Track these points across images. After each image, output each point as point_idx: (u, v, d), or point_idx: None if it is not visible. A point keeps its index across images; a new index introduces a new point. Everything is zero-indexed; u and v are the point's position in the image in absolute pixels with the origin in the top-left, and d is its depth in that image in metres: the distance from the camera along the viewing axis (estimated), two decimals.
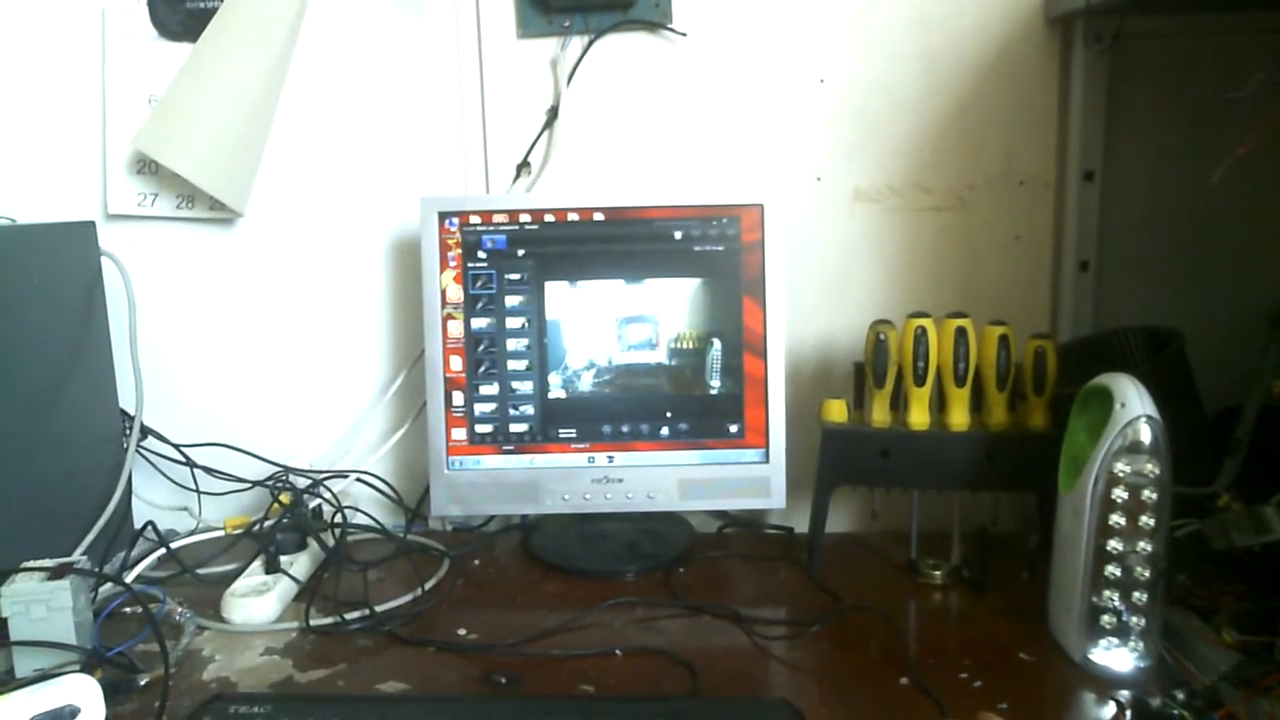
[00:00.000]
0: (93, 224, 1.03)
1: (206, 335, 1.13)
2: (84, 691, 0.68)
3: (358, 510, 1.06)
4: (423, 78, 1.07)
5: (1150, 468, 0.72)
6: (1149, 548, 0.72)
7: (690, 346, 0.97)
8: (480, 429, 0.99)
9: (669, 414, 0.98)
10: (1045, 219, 1.05)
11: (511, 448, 0.99)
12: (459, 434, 0.99)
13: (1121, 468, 0.72)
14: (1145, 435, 0.72)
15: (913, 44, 1.03)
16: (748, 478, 0.97)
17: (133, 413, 1.01)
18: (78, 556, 0.82)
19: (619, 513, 1.00)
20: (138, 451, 1.04)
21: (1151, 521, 0.72)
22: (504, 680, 0.75)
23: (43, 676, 0.72)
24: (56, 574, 0.78)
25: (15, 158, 1.09)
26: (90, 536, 0.94)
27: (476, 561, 1.01)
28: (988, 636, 0.81)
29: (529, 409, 0.99)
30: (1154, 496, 0.72)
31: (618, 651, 0.80)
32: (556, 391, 0.98)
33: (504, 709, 0.69)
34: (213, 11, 1.03)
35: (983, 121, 1.03)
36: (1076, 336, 1.03)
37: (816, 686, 0.75)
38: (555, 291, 0.98)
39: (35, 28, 1.07)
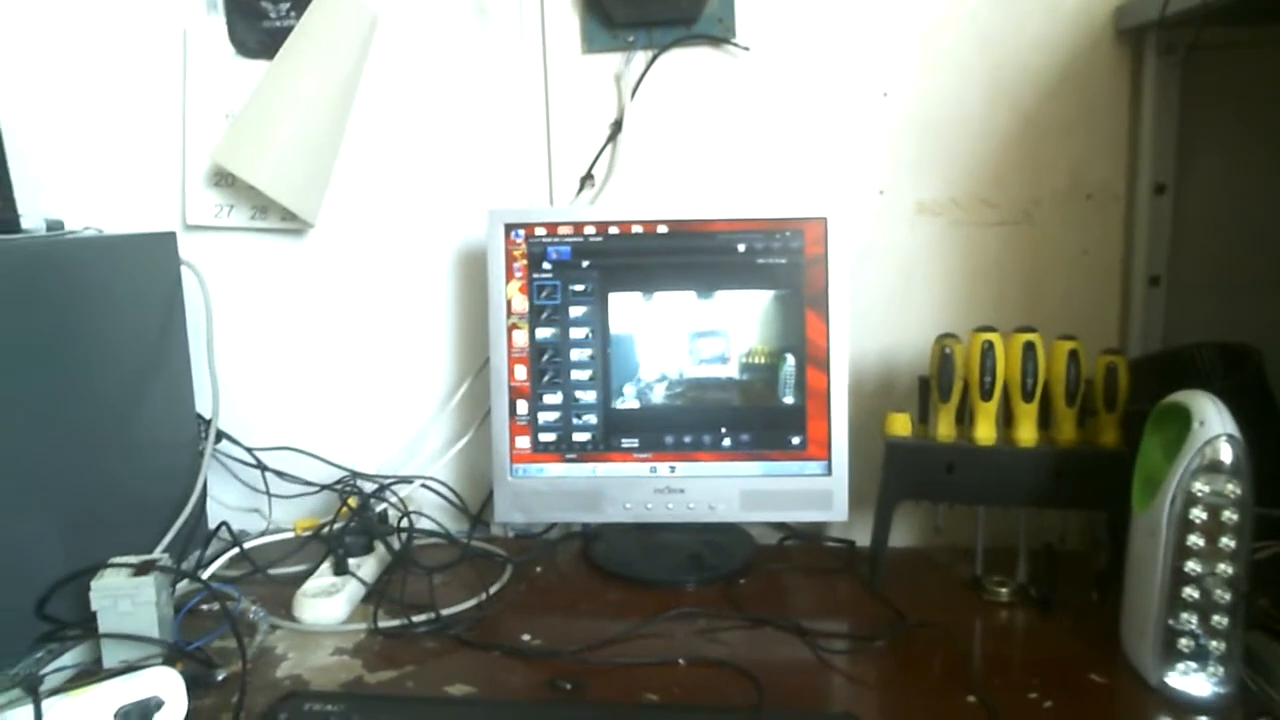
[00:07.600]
0: (173, 234, 1.07)
1: (278, 342, 1.16)
2: (168, 684, 0.71)
3: (422, 515, 1.08)
4: (489, 93, 1.09)
5: (1231, 488, 0.70)
6: (1229, 570, 0.71)
7: (763, 362, 0.98)
8: (543, 437, 1.00)
9: (731, 425, 0.98)
10: (1114, 233, 1.03)
11: (574, 456, 1.00)
12: (522, 442, 1.00)
13: (1200, 487, 0.71)
14: (1225, 454, 0.70)
15: (978, 58, 1.02)
16: (810, 490, 0.97)
17: (209, 417, 1.05)
18: (159, 554, 0.85)
19: (680, 523, 1.00)
20: (213, 454, 1.07)
21: (1232, 543, 0.70)
22: (569, 686, 0.76)
23: (129, 668, 0.75)
24: (141, 570, 0.81)
25: (102, 171, 1.14)
26: (169, 535, 0.97)
27: (539, 568, 1.02)
28: (1056, 656, 0.80)
29: (592, 418, 1.00)
30: (1234, 517, 0.70)
31: (681, 661, 0.80)
32: (630, 402, 0.99)
33: (570, 715, 0.69)
34: (288, 30, 1.07)
35: (1049, 135, 1.02)
36: (1147, 353, 1.01)
37: (881, 702, 0.75)
38: (620, 303, 0.99)
39: (121, 47, 1.12)
